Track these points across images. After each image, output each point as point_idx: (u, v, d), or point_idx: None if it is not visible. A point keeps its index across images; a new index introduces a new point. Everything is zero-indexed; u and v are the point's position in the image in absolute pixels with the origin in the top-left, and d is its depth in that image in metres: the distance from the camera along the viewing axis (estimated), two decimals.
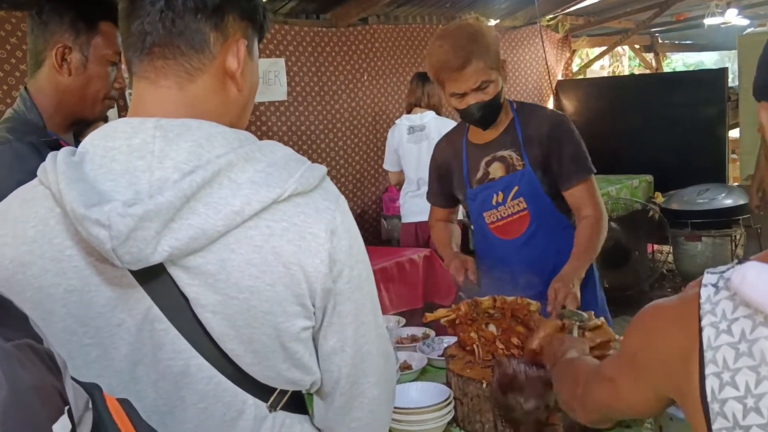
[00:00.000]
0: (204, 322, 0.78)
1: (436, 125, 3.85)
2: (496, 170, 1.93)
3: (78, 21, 1.42)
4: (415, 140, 3.90)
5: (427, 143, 3.84)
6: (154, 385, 0.81)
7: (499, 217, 1.94)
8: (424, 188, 3.92)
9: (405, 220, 4.05)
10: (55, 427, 0.50)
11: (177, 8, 0.80)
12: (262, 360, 0.80)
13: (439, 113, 3.94)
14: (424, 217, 3.97)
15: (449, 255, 2.02)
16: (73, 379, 0.68)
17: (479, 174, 1.95)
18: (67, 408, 0.53)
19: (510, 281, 1.77)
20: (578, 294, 1.74)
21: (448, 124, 3.88)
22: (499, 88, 1.83)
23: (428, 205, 4.22)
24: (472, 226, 2.12)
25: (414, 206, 3.97)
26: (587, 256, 1.85)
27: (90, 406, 0.64)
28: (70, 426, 0.53)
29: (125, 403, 0.69)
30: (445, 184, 2.08)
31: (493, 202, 1.94)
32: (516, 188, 1.90)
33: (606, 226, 1.91)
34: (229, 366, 0.81)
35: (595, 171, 1.92)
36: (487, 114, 1.86)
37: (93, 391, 0.66)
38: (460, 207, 2.19)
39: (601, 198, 1.92)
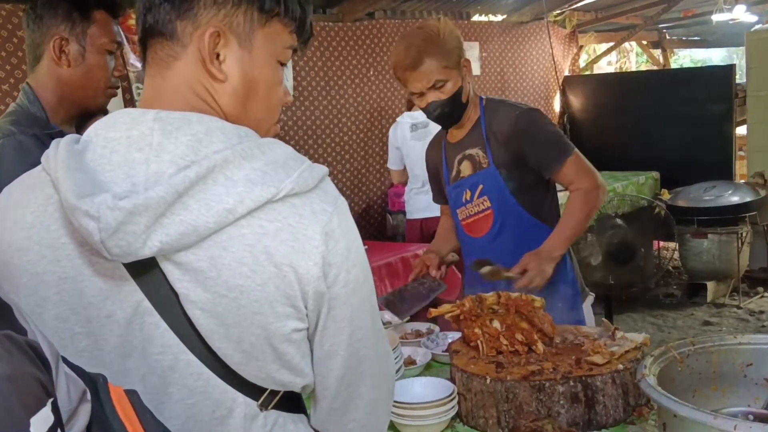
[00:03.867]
0: (193, 319, 0.78)
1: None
2: (465, 168, 1.97)
3: (72, 12, 1.42)
4: (418, 137, 3.89)
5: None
6: (143, 378, 0.80)
7: (468, 214, 1.98)
8: (428, 185, 3.96)
9: (410, 216, 4.05)
10: (34, 419, 0.50)
11: (152, 0, 0.82)
12: (251, 360, 0.79)
13: None
14: (429, 214, 4.02)
15: (427, 250, 2.10)
16: (79, 368, 0.68)
17: (454, 172, 2.01)
18: (50, 400, 0.52)
19: (478, 279, 1.81)
20: (549, 271, 1.75)
21: None
22: (457, 87, 1.84)
23: (432, 202, 4.21)
24: None
25: (419, 203, 3.96)
26: (571, 231, 1.83)
27: (88, 397, 0.63)
28: (52, 418, 0.52)
29: (132, 394, 0.68)
30: (437, 182, 2.14)
31: (463, 200, 1.98)
32: (481, 187, 1.93)
33: (600, 197, 1.86)
34: (219, 364, 0.80)
35: (573, 147, 1.88)
36: (445, 112, 1.88)
37: (97, 381, 0.65)
38: None
39: (593, 168, 1.87)
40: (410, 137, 3.91)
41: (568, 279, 1.95)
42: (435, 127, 3.85)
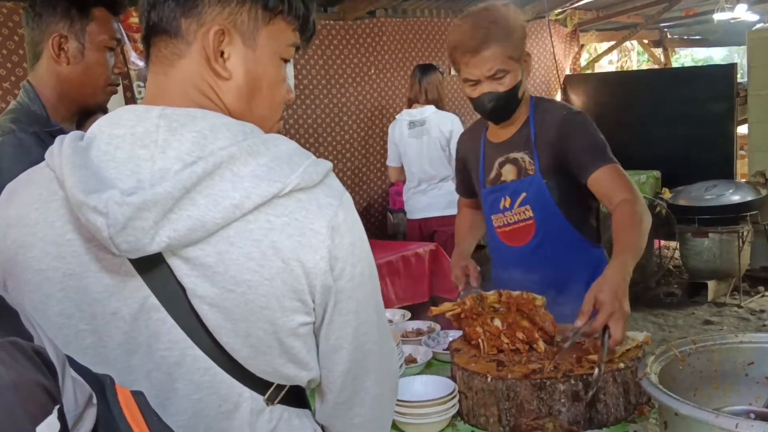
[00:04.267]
0: (200, 314, 0.78)
1: (436, 120, 3.83)
2: (508, 173, 1.82)
3: (71, 9, 1.42)
4: (416, 135, 3.87)
5: (428, 138, 3.83)
6: (148, 375, 0.80)
7: (506, 222, 1.84)
8: (425, 185, 3.97)
9: (409, 216, 4.05)
10: (40, 427, 0.49)
11: None
12: (259, 354, 0.80)
13: (439, 107, 3.91)
14: (428, 214, 4.01)
15: (455, 255, 1.94)
16: (86, 369, 0.67)
17: (492, 174, 1.85)
18: (57, 407, 0.52)
19: (519, 288, 1.59)
20: (627, 309, 1.35)
21: (448, 119, 3.86)
22: (517, 80, 1.69)
23: (431, 202, 4.16)
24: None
25: (417, 203, 3.95)
26: (633, 248, 1.49)
27: (94, 401, 0.62)
28: (58, 426, 0.51)
29: (138, 396, 0.68)
30: (466, 177, 1.99)
31: (501, 206, 1.83)
32: (524, 195, 1.79)
33: (647, 211, 1.60)
34: (226, 358, 0.80)
35: (616, 161, 1.69)
36: (499, 107, 1.72)
37: (105, 383, 0.64)
38: None
39: (633, 183, 1.67)
40: (407, 134, 3.90)
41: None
42: (432, 126, 3.89)
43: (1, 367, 0.48)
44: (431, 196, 3.87)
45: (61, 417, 0.52)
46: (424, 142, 3.83)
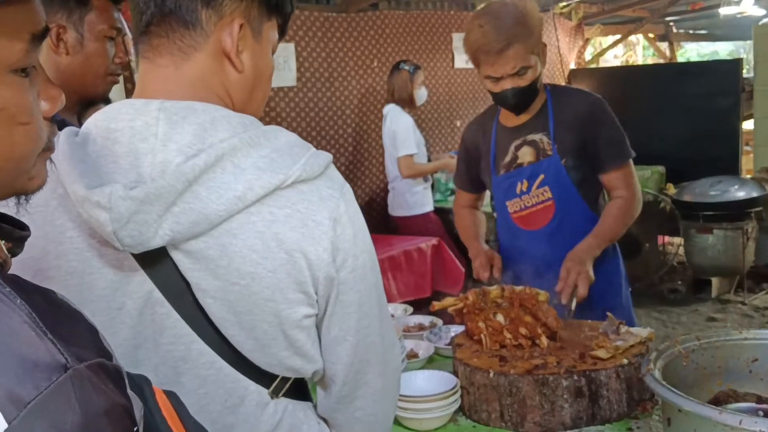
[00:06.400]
0: (205, 307, 0.78)
1: (389, 119, 3.99)
2: (526, 155, 1.84)
3: None
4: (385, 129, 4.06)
5: (385, 133, 4.04)
6: (155, 369, 0.80)
7: (523, 206, 1.85)
8: (391, 183, 4.09)
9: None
10: None
11: None
12: (263, 347, 0.80)
13: (407, 107, 4.01)
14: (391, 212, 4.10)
15: (475, 248, 1.94)
16: (126, 373, 0.67)
17: (507, 158, 1.86)
18: (135, 429, 0.52)
19: (534, 274, 1.70)
20: (591, 274, 1.68)
21: (397, 119, 3.95)
22: (537, 73, 1.73)
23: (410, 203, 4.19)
24: (495, 215, 2.03)
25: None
26: (608, 235, 1.78)
27: (143, 413, 0.61)
28: None
29: (173, 397, 0.67)
30: (472, 167, 1.99)
31: (517, 191, 1.85)
32: (542, 177, 1.81)
33: (637, 210, 1.84)
34: (231, 352, 0.80)
35: (633, 155, 1.84)
36: (521, 101, 1.77)
37: (143, 386, 0.63)
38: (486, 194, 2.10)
39: (638, 182, 1.86)
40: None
41: (620, 279, 1.90)
42: (393, 118, 3.94)
43: (93, 393, 0.47)
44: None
45: None
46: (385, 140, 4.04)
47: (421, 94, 4.08)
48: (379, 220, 4.85)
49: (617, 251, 1.93)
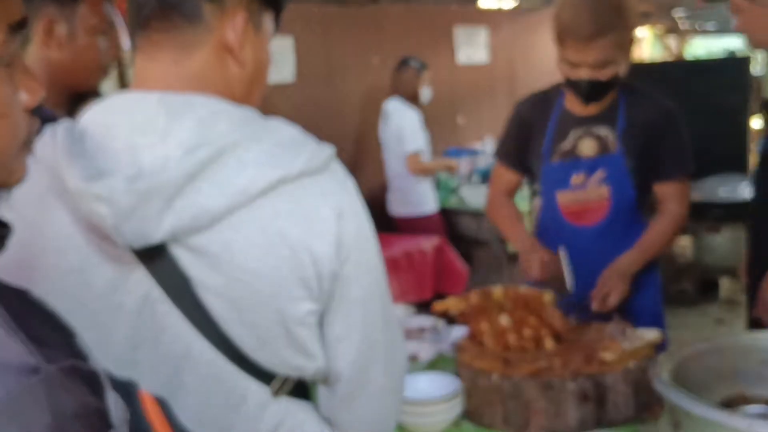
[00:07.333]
0: (206, 305, 0.77)
1: (395, 115, 3.94)
2: (587, 147, 1.73)
3: None
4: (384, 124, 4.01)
5: (386, 130, 4.01)
6: (154, 369, 0.79)
7: (576, 200, 1.75)
8: (392, 181, 4.05)
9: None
10: None
11: None
12: (266, 345, 0.79)
13: (412, 102, 3.99)
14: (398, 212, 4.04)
15: (530, 242, 1.78)
16: (112, 377, 0.63)
17: (565, 147, 1.75)
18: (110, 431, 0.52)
19: (587, 275, 1.67)
20: (627, 288, 1.66)
21: (404, 114, 3.91)
22: (617, 70, 1.64)
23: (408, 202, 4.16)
24: (536, 201, 1.95)
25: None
26: (652, 249, 1.73)
27: (128, 417, 0.60)
28: None
29: (162, 403, 0.66)
30: (521, 144, 1.83)
31: (572, 183, 1.74)
32: (601, 173, 1.72)
33: (683, 228, 1.83)
34: (232, 350, 0.79)
35: (693, 171, 1.80)
36: (595, 93, 1.67)
37: (129, 391, 0.62)
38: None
39: (689, 202, 1.83)
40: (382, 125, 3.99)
41: (654, 295, 1.84)
42: (399, 114, 3.89)
43: (64, 394, 0.47)
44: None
45: None
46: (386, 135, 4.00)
47: (425, 94, 4.06)
48: (379, 219, 4.83)
49: (657, 262, 1.85)
